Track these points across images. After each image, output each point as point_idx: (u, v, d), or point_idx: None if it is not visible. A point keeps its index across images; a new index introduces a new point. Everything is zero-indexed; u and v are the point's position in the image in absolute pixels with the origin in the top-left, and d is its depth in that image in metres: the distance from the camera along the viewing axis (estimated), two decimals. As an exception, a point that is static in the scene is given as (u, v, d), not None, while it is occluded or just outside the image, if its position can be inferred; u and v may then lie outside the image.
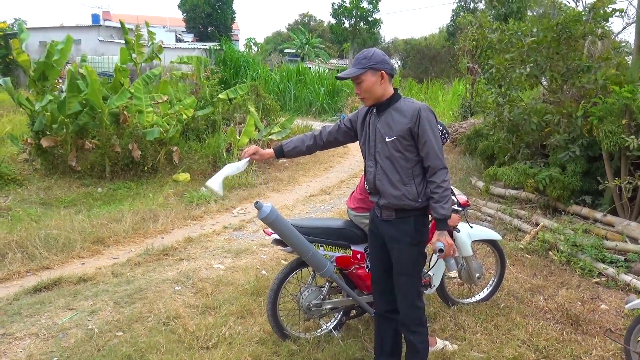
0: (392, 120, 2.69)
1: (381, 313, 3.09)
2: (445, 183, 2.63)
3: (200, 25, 35.37)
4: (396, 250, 2.80)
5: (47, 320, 3.78)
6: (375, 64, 2.67)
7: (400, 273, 2.83)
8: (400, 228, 2.77)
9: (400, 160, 2.69)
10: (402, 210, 2.74)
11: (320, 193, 8.44)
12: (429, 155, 2.64)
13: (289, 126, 11.33)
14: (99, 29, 24.73)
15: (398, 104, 2.73)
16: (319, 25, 46.93)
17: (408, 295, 2.84)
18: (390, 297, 2.99)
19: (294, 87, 21.31)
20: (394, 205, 2.73)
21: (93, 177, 9.00)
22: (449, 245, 2.70)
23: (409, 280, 2.83)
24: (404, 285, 2.84)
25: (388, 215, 2.79)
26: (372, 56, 2.69)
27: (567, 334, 3.71)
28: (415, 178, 2.70)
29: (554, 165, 6.40)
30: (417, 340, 2.83)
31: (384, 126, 2.72)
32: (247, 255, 5.32)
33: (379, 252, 2.97)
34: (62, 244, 5.31)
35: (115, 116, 9.24)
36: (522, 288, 4.53)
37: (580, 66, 6.44)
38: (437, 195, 2.63)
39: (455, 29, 26.48)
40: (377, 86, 2.69)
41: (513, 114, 7.14)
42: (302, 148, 3.09)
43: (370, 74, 2.68)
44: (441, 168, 2.64)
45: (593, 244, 5.08)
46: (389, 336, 3.07)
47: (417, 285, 2.87)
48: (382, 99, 2.74)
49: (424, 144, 2.63)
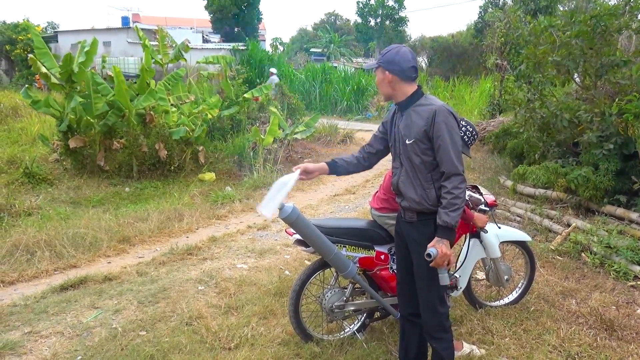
0: (410, 121, 2.61)
1: (405, 316, 3.00)
2: (457, 190, 2.50)
3: (227, 26, 35.64)
4: (416, 253, 2.71)
5: (73, 318, 3.82)
6: (383, 63, 2.62)
7: (420, 277, 2.74)
8: (421, 230, 2.68)
9: (419, 164, 2.60)
10: (423, 212, 2.66)
11: (345, 192, 8.37)
12: (443, 160, 2.53)
13: (313, 125, 11.28)
14: (128, 31, 25.18)
15: (418, 103, 2.62)
16: (345, 24, 46.78)
17: (428, 301, 2.73)
18: (415, 300, 2.89)
19: (319, 86, 21.26)
20: (415, 208, 2.66)
21: (121, 177, 9.14)
22: (443, 255, 2.51)
23: (429, 285, 2.71)
24: (423, 289, 2.75)
25: (410, 217, 2.72)
26: (386, 54, 2.63)
27: (601, 340, 3.56)
28: (435, 182, 2.60)
29: (586, 164, 6.19)
30: (440, 347, 2.73)
31: (405, 127, 2.64)
32: (270, 255, 5.30)
33: (403, 253, 2.89)
34: (89, 243, 5.38)
35: (141, 116, 9.36)
36: (553, 291, 4.37)
37: (615, 61, 6.21)
38: (445, 201, 2.52)
39: (483, 26, 26.02)
40: (384, 85, 2.65)
41: (544, 111, 6.94)
42: (349, 168, 3.00)
43: (380, 71, 2.65)
44: (455, 174, 2.51)
45: (628, 246, 4.88)
46: (414, 341, 2.97)
47: (438, 290, 2.73)
48: (399, 99, 2.66)
49: (438, 147, 2.53)
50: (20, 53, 23.30)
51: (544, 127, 7.21)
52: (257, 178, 8.90)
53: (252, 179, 8.90)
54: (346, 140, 13.01)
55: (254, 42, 22.34)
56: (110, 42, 24.38)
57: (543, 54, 6.90)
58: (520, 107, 7.67)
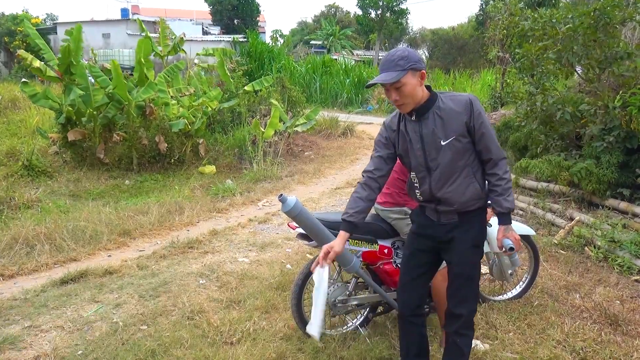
0: (441, 121, 2.44)
1: (406, 317, 2.89)
2: (507, 174, 2.49)
3: (227, 18, 35.47)
4: (456, 252, 2.60)
5: (73, 312, 3.79)
6: (415, 64, 2.37)
7: (460, 276, 2.63)
8: (463, 229, 2.57)
9: (457, 162, 2.46)
10: (465, 212, 2.56)
11: (346, 185, 8.33)
12: (489, 147, 2.46)
13: (314, 117, 11.23)
14: (127, 22, 25.03)
15: (441, 102, 2.46)
16: (345, 16, 46.57)
17: (467, 298, 2.64)
18: (417, 302, 2.84)
19: (320, 78, 21.16)
20: (457, 209, 2.54)
21: (121, 170, 9.11)
22: (517, 241, 2.55)
23: (468, 283, 2.62)
24: (465, 288, 2.63)
25: (449, 219, 2.59)
26: (409, 55, 2.39)
27: (606, 335, 3.53)
28: (475, 174, 2.51)
29: (589, 156, 6.14)
30: (463, 343, 2.67)
31: (434, 130, 2.46)
32: (271, 249, 5.27)
33: (421, 255, 2.75)
34: (89, 236, 5.35)
35: (141, 109, 9.31)
36: (557, 285, 4.34)
37: (619, 54, 6.15)
38: (500, 187, 2.47)
39: (484, 18, 25.87)
40: (418, 88, 2.41)
41: (547, 104, 6.88)
42: (366, 211, 2.72)
43: (411, 75, 2.38)
44: (502, 158, 2.49)
45: (633, 240, 4.84)
46: (415, 339, 2.90)
47: (475, 288, 2.67)
48: (422, 101, 2.46)
49: (481, 135, 2.43)
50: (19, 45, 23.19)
51: (546, 120, 7.16)
52: (257, 171, 8.87)
53: (253, 171, 8.87)
54: (347, 133, 12.96)
55: (254, 34, 22.20)
56: (109, 34, 24.24)
57: (540, 51, 6.84)
58: (522, 100, 7.62)
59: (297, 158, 10.59)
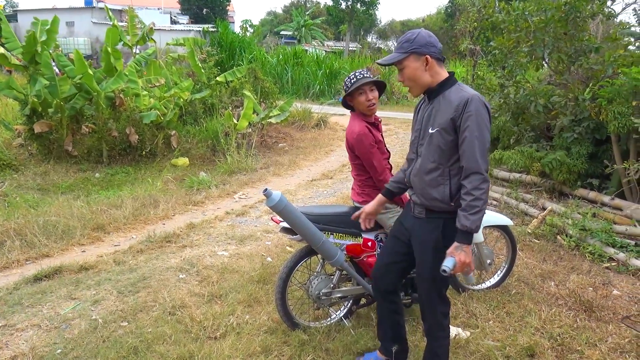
0: (439, 108, 2.42)
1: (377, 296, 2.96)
2: (477, 191, 2.27)
3: (196, 7, 34.84)
4: (419, 252, 2.61)
5: (49, 310, 3.68)
6: (418, 48, 2.38)
7: (422, 277, 2.64)
8: (427, 229, 2.56)
9: (437, 157, 2.42)
10: (432, 210, 2.53)
11: (322, 177, 8.32)
12: (466, 153, 2.31)
13: (288, 109, 11.15)
14: (92, 10, 24.30)
15: (449, 91, 2.41)
16: (315, 6, 46.35)
17: (430, 300, 2.65)
18: (387, 288, 2.89)
19: (291, 69, 21.04)
20: (425, 204, 2.54)
21: (90, 162, 8.87)
22: (462, 264, 2.32)
23: (431, 286, 2.62)
24: (425, 290, 2.65)
25: (419, 212, 2.59)
26: (416, 38, 2.40)
27: (581, 321, 3.65)
28: (452, 178, 2.42)
29: (560, 147, 6.30)
30: (436, 345, 2.70)
31: (430, 115, 2.46)
32: (251, 242, 5.23)
33: (397, 244, 2.79)
34: (62, 231, 5.19)
35: (111, 100, 9.06)
36: (532, 274, 4.46)
37: (589, 47, 6.31)
38: (465, 202, 2.30)
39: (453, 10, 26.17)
40: (421, 72, 2.41)
41: (519, 96, 7.02)
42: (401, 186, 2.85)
43: (413, 58, 2.40)
44: (475, 172, 2.29)
45: (602, 228, 5.01)
46: (389, 321, 2.96)
47: (439, 290, 2.64)
48: (433, 85, 2.45)
49: (463, 139, 2.31)
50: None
51: (518, 112, 7.31)
52: (231, 163, 8.77)
53: (227, 164, 8.77)
54: (320, 125, 12.94)
55: (224, 24, 21.87)
56: (73, 22, 23.50)
57: (513, 43, 6.96)
58: (495, 92, 7.75)
59: (271, 150, 10.53)
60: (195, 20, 33.03)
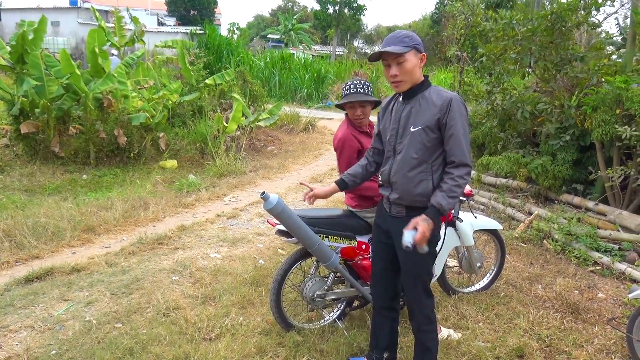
0: (419, 108, 2.51)
1: (378, 309, 2.99)
2: (461, 180, 2.43)
3: (183, 9, 34.72)
4: (404, 251, 2.60)
5: (42, 311, 3.67)
6: (418, 45, 2.48)
7: (408, 274, 2.71)
8: None
9: (420, 154, 2.50)
10: (413, 208, 2.57)
11: (311, 181, 8.37)
12: (454, 150, 2.45)
13: (277, 113, 11.18)
14: (78, 11, 24.09)
15: (428, 92, 2.53)
16: (302, 10, 46.49)
17: (415, 294, 2.70)
18: (388, 294, 2.93)
19: (279, 73, 21.07)
20: (406, 201, 2.59)
21: (77, 164, 8.79)
22: (422, 235, 2.38)
23: (417, 281, 2.68)
24: (410, 284, 2.71)
25: (398, 212, 2.64)
26: (413, 36, 2.50)
27: (568, 323, 3.75)
28: (434, 174, 2.51)
29: (545, 154, 6.44)
30: (425, 339, 2.74)
31: (410, 115, 2.53)
32: (243, 244, 5.25)
33: (383, 248, 2.84)
34: (52, 233, 5.16)
35: (99, 101, 9.01)
36: (520, 277, 4.56)
37: (574, 56, 6.46)
38: (447, 185, 2.43)
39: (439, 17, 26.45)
40: (417, 68, 2.49)
41: (506, 103, 7.15)
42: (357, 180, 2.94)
43: (414, 54, 2.47)
44: (464, 165, 2.44)
45: (587, 233, 5.14)
46: (385, 332, 2.98)
47: (425, 284, 2.71)
48: (415, 85, 2.55)
49: (450, 136, 2.44)
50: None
51: (505, 119, 7.45)
52: (220, 166, 8.77)
53: (216, 166, 8.77)
54: (309, 129, 13.00)
55: (212, 27, 21.83)
56: (58, 22, 23.25)
57: (500, 51, 7.10)
58: (483, 99, 7.88)
59: (259, 153, 10.55)
60: (182, 22, 32.91)
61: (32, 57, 8.55)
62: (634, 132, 5.11)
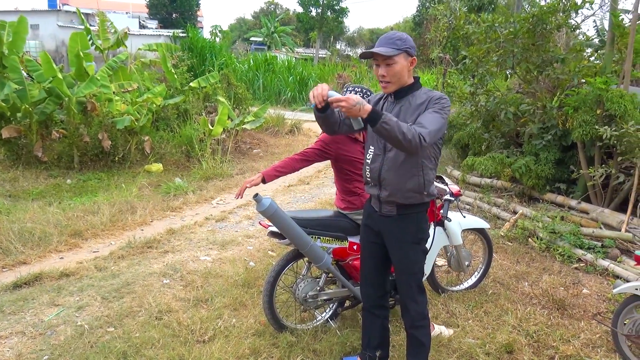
0: (409, 107, 2.55)
1: (368, 308, 3.02)
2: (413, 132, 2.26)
3: (164, 12, 34.50)
4: (397, 249, 2.70)
5: (33, 317, 3.64)
6: (409, 48, 2.51)
7: (402, 272, 2.75)
8: (401, 226, 2.66)
9: None
10: (404, 206, 2.62)
11: (298, 183, 8.40)
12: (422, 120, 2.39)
13: (263, 115, 11.19)
14: (58, 13, 23.76)
15: (418, 92, 2.57)
16: (285, 13, 46.52)
17: (409, 291, 2.74)
18: (378, 293, 2.96)
19: (263, 76, 21.06)
20: (398, 199, 2.61)
21: (61, 168, 8.70)
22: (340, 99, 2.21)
23: (411, 278, 2.73)
24: (405, 283, 2.75)
25: (389, 211, 2.66)
26: (407, 39, 2.52)
27: (555, 319, 3.84)
28: (424, 169, 2.56)
29: (529, 154, 6.57)
30: (420, 334, 2.78)
31: (400, 113, 2.56)
32: (233, 247, 5.26)
33: (372, 248, 2.86)
34: (38, 238, 5.11)
35: (82, 105, 8.92)
36: (507, 275, 4.64)
37: (555, 57, 6.60)
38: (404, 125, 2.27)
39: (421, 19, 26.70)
40: (406, 71, 2.53)
41: (489, 104, 7.27)
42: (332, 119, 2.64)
43: (404, 57, 2.50)
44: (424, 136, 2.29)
45: (571, 231, 5.25)
46: (376, 330, 3.02)
47: (418, 280, 2.76)
48: (404, 86, 2.58)
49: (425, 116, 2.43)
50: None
51: (489, 120, 7.57)
52: (207, 169, 8.75)
53: (202, 169, 8.75)
54: (294, 131, 13.02)
55: (194, 30, 21.72)
56: (38, 25, 22.89)
57: (483, 53, 7.23)
58: (467, 100, 8.00)
59: (245, 156, 10.54)
60: (164, 25, 32.68)
61: (10, 60, 8.44)
62: (613, 132, 5.25)
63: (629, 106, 5.41)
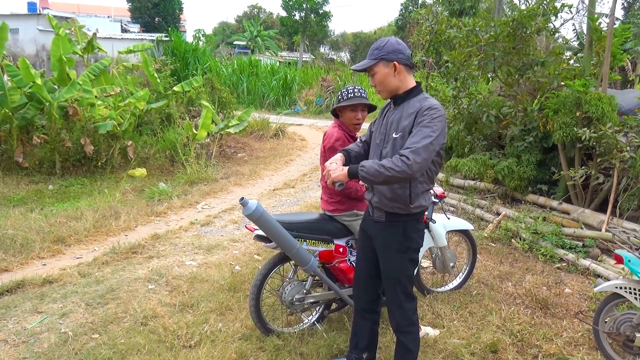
0: (401, 115, 2.54)
1: (359, 311, 3.04)
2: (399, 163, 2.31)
3: (147, 16, 34.25)
4: (383, 254, 2.72)
5: (15, 325, 3.58)
6: (386, 54, 2.52)
7: (387, 277, 2.76)
8: (388, 232, 2.67)
9: None
10: (392, 214, 2.62)
11: (284, 187, 8.40)
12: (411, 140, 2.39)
13: (247, 119, 11.17)
14: (38, 17, 23.45)
15: (414, 99, 2.55)
16: (268, 17, 46.51)
17: (395, 297, 2.75)
18: (369, 297, 2.98)
19: (247, 79, 21.03)
20: (384, 206, 2.62)
21: (42, 174, 8.58)
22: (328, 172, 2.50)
23: (396, 285, 2.73)
24: (391, 289, 2.75)
25: (379, 216, 2.68)
26: (385, 46, 2.53)
27: (538, 318, 3.90)
28: (411, 182, 2.52)
29: (511, 155, 6.66)
30: (408, 340, 2.78)
31: (394, 121, 2.57)
32: (218, 251, 5.24)
33: (367, 251, 2.88)
34: (20, 245, 5.04)
35: (64, 109, 8.83)
36: (491, 275, 4.70)
37: (535, 61, 6.71)
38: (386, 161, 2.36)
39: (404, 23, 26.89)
40: (390, 78, 2.54)
41: (472, 107, 7.36)
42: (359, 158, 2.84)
43: (383, 65, 2.53)
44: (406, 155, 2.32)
45: (553, 231, 5.33)
46: (365, 333, 3.04)
47: (405, 288, 2.73)
48: (400, 92, 2.58)
49: (415, 133, 2.41)
50: None
51: (471, 122, 7.66)
52: (191, 173, 8.71)
53: (187, 174, 8.70)
54: (279, 135, 13.02)
55: (177, 34, 21.63)
56: (17, 30, 22.58)
57: (465, 57, 7.33)
58: (449, 103, 8.09)
59: (230, 160, 10.51)
60: (146, 29, 32.44)
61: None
62: (592, 133, 5.34)
63: (606, 108, 5.51)
